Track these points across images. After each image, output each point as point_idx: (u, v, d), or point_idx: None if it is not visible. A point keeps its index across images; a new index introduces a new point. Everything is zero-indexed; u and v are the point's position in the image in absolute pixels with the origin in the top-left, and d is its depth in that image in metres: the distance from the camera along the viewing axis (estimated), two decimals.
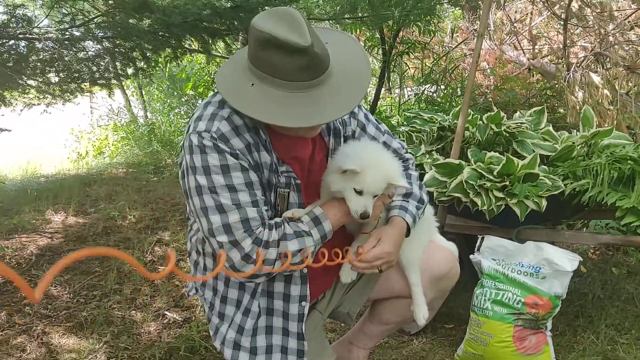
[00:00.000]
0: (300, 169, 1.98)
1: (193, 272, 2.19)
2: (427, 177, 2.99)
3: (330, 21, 7.12)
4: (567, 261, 2.61)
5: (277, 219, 1.89)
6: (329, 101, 1.71)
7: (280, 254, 1.79)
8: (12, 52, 4.92)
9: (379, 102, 8.26)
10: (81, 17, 5.15)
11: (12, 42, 4.85)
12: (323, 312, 2.22)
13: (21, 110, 6.27)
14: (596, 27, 7.29)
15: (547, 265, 2.63)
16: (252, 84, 1.72)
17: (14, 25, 4.76)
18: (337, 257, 1.77)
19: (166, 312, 3.41)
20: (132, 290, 3.69)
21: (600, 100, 5.46)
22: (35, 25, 4.89)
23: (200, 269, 2.11)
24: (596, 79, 5.68)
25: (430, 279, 2.25)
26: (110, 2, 4.90)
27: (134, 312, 3.43)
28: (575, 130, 3.49)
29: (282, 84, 1.68)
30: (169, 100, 10.82)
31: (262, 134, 1.83)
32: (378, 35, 7.69)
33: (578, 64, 6.45)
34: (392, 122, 7.75)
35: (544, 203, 2.68)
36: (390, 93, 9.94)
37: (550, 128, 3.37)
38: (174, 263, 0.82)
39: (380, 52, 8.10)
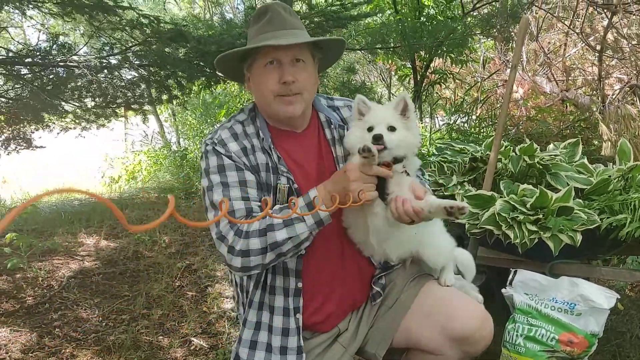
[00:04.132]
0: (302, 176, 2.07)
1: (234, 291, 2.30)
2: None
3: (363, 51, 7.19)
4: (604, 298, 2.52)
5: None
6: (277, 39, 1.94)
7: (270, 245, 1.86)
8: (52, 78, 5.07)
9: None
10: (119, 45, 5.30)
11: (52, 68, 5.01)
12: (346, 346, 2.19)
13: (58, 133, 6.44)
14: (632, 59, 7.20)
15: (583, 301, 2.55)
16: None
17: (55, 53, 4.92)
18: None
19: (193, 339, 3.40)
20: (160, 315, 3.70)
21: (637, 133, 5.35)
22: (75, 52, 5.04)
23: (238, 284, 2.22)
24: (632, 111, 5.58)
25: (451, 340, 2.05)
26: (147, 31, 5.02)
27: (161, 337, 3.44)
28: (611, 164, 3.41)
29: (255, 41, 2.00)
30: (201, 127, 10.99)
31: (263, 136, 2.04)
32: (409, 65, 7.72)
33: (613, 96, 6.35)
34: (423, 151, 7.72)
35: (579, 237, 2.61)
36: (421, 122, 9.92)
37: (585, 161, 3.30)
38: (173, 206, 0.82)
39: (411, 81, 8.12)
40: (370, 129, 1.94)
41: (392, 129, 1.93)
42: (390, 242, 2.10)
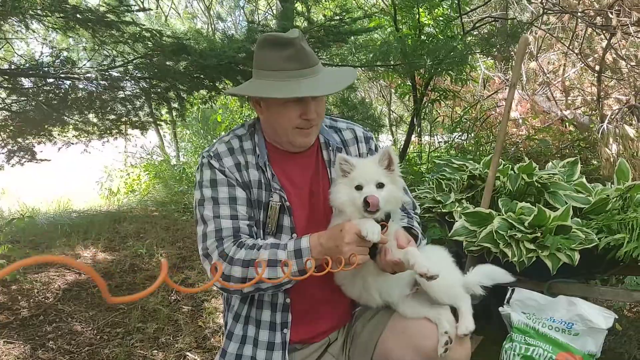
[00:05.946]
0: (295, 194, 2.08)
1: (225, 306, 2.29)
2: (456, 225, 2.95)
3: (363, 68, 7.22)
4: (602, 318, 2.51)
5: (260, 242, 1.94)
6: (307, 84, 1.90)
7: (250, 279, 1.84)
8: (55, 91, 5.08)
9: (408, 149, 8.26)
10: (121, 59, 5.32)
11: (54, 81, 5.02)
12: (337, 356, 2.20)
13: (59, 149, 6.41)
14: (631, 80, 7.25)
15: (581, 321, 2.53)
16: (250, 81, 2.01)
17: (58, 66, 4.93)
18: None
19: (187, 354, 3.38)
20: (156, 329, 3.67)
21: (635, 153, 5.36)
22: (79, 67, 5.06)
23: (225, 296, 2.25)
24: (631, 131, 5.60)
25: (425, 358, 1.98)
26: (149, 45, 5.04)
27: (156, 351, 3.41)
28: (609, 183, 3.42)
29: (271, 75, 1.92)
30: (200, 141, 11.00)
31: (259, 153, 2.05)
32: (409, 83, 7.75)
33: (612, 116, 6.38)
34: (422, 168, 7.72)
35: (577, 256, 2.61)
36: (420, 140, 9.94)
37: (584, 180, 3.31)
38: (166, 273, 0.82)
39: (411, 99, 8.14)
40: (358, 187, 1.90)
41: (380, 185, 1.90)
42: (388, 287, 2.09)
